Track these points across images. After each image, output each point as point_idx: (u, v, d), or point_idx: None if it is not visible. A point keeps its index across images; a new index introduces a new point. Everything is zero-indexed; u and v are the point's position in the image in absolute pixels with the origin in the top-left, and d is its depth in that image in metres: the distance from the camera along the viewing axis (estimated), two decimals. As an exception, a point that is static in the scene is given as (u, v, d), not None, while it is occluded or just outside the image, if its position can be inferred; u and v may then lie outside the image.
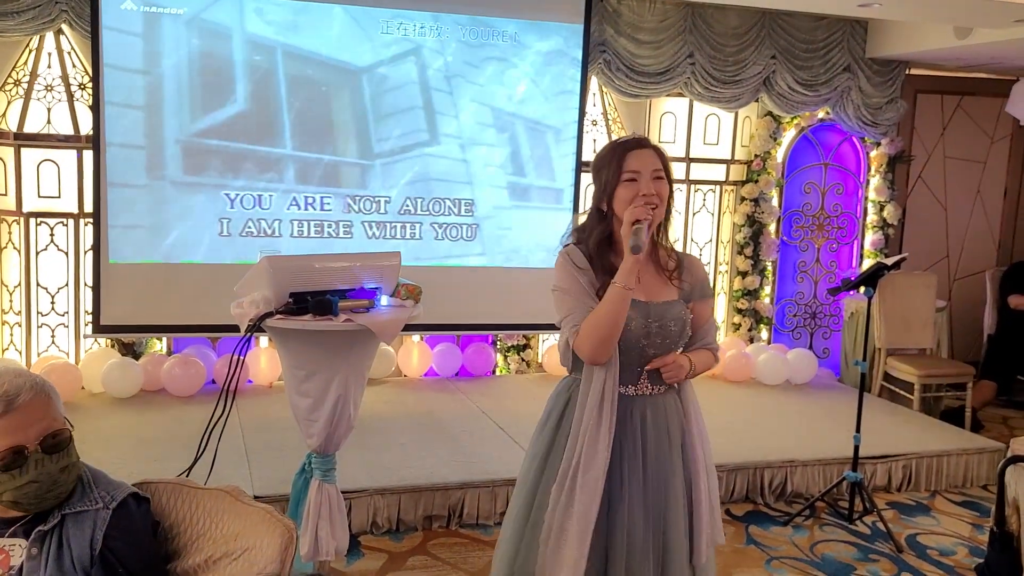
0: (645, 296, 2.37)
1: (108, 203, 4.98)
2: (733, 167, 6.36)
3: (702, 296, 2.47)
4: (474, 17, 5.39)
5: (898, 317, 6.01)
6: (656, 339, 2.36)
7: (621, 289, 2.24)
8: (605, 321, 2.26)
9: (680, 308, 2.40)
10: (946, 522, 4.50)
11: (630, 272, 2.24)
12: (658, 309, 2.37)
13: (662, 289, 2.41)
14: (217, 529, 1.80)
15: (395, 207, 5.40)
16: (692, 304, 2.44)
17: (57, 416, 1.84)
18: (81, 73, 5.20)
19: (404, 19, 5.30)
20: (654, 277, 2.41)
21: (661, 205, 2.32)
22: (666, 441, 2.41)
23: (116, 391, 5.11)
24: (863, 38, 6.21)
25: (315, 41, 5.19)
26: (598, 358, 2.30)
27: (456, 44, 5.40)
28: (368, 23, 5.25)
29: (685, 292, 2.43)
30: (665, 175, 2.35)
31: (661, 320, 2.36)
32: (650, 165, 2.32)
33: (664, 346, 2.38)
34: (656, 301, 2.38)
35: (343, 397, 3.06)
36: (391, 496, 4.04)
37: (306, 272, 3.00)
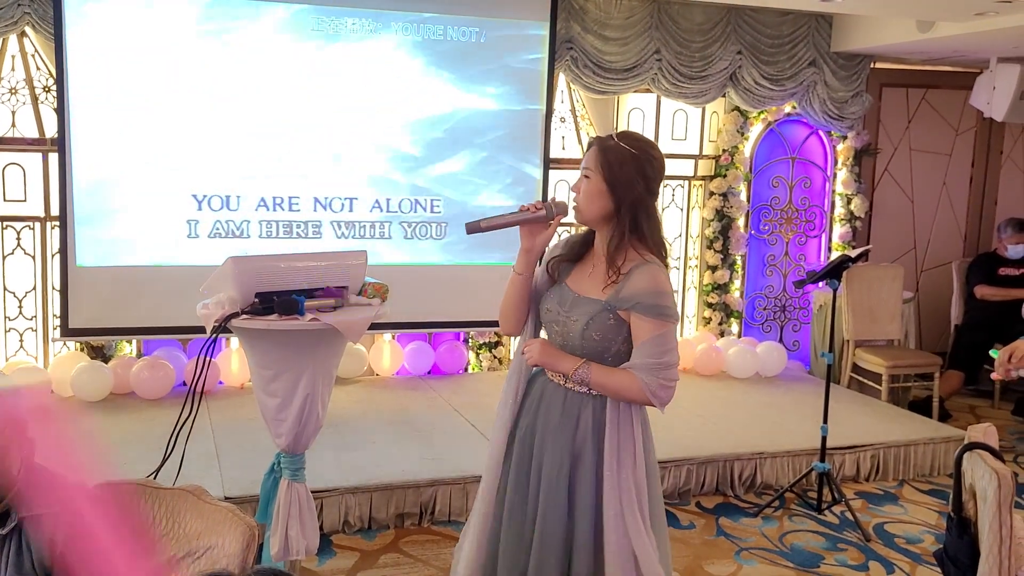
0: (575, 287, 2.39)
1: (75, 206, 4.94)
2: (701, 162, 6.40)
3: (634, 310, 2.27)
4: (439, 16, 5.39)
5: (866, 309, 6.09)
6: (561, 328, 2.38)
7: (513, 273, 2.43)
8: (504, 301, 2.48)
9: (593, 309, 2.30)
10: (913, 510, 4.56)
11: (519, 258, 2.41)
12: (574, 300, 2.36)
13: (592, 286, 2.35)
14: (179, 529, 1.80)
15: (364, 207, 5.40)
16: (628, 315, 2.29)
17: None
18: (45, 75, 5.16)
19: (369, 17, 5.29)
20: (600, 276, 2.34)
21: (583, 202, 2.33)
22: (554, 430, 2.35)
23: (85, 395, 5.07)
24: (828, 33, 6.27)
25: (281, 38, 5.17)
26: (501, 329, 2.54)
27: (422, 43, 5.40)
28: (332, 21, 5.24)
29: (615, 299, 2.28)
30: (600, 175, 2.29)
31: (571, 311, 2.35)
32: (584, 162, 2.37)
33: (565, 337, 2.35)
34: (578, 293, 2.37)
35: (311, 396, 3.06)
36: (363, 495, 4.04)
37: (272, 272, 3.00)
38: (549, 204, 2.39)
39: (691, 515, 4.39)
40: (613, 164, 2.29)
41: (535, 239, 2.38)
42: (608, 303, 2.29)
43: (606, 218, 2.32)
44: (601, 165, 2.30)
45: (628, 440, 2.29)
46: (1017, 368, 2.65)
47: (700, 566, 3.86)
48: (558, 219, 2.39)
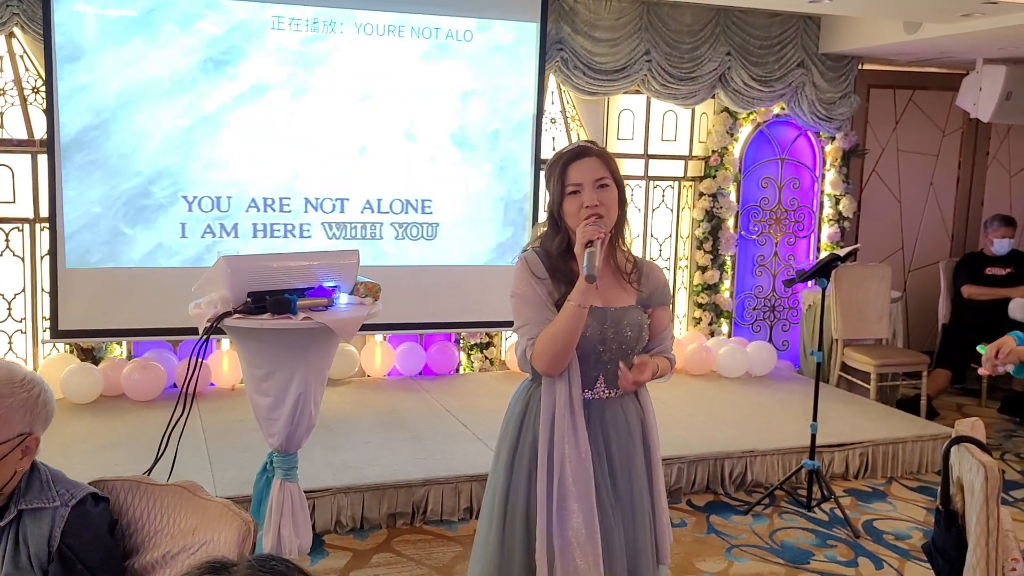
0: (602, 302, 2.35)
1: (64, 207, 4.94)
2: (691, 163, 6.43)
3: (661, 302, 2.44)
4: (430, 16, 5.41)
5: (854, 308, 6.12)
6: (612, 344, 2.35)
7: (576, 308, 2.24)
8: (560, 338, 2.27)
9: (637, 314, 2.39)
10: (902, 507, 4.60)
11: (585, 291, 2.24)
12: (615, 315, 2.35)
13: (620, 294, 2.39)
14: (175, 524, 1.81)
15: (355, 207, 5.41)
16: (651, 310, 2.43)
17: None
18: (34, 76, 5.15)
19: (359, 19, 5.30)
20: (612, 282, 2.39)
21: (609, 213, 2.31)
22: (629, 443, 2.43)
23: (75, 397, 5.06)
24: (816, 34, 6.32)
25: (267, 41, 5.18)
26: (552, 372, 2.32)
27: (412, 43, 5.41)
28: (320, 22, 5.25)
29: (643, 297, 2.41)
30: (613, 180, 2.33)
31: (617, 326, 2.35)
32: (592, 174, 2.31)
33: (620, 351, 2.36)
34: (613, 307, 2.36)
35: (303, 396, 3.06)
36: (355, 495, 4.04)
37: (264, 271, 3.00)
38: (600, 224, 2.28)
39: (682, 513, 4.41)
40: (617, 170, 2.39)
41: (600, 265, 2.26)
42: (640, 302, 2.41)
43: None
44: (612, 172, 2.35)
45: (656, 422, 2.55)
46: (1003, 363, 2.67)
47: (691, 563, 3.88)
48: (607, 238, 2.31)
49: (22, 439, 1.80)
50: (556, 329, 2.27)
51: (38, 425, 1.83)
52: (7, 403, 1.79)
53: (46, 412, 1.85)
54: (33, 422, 1.82)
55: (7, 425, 1.79)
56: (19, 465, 1.81)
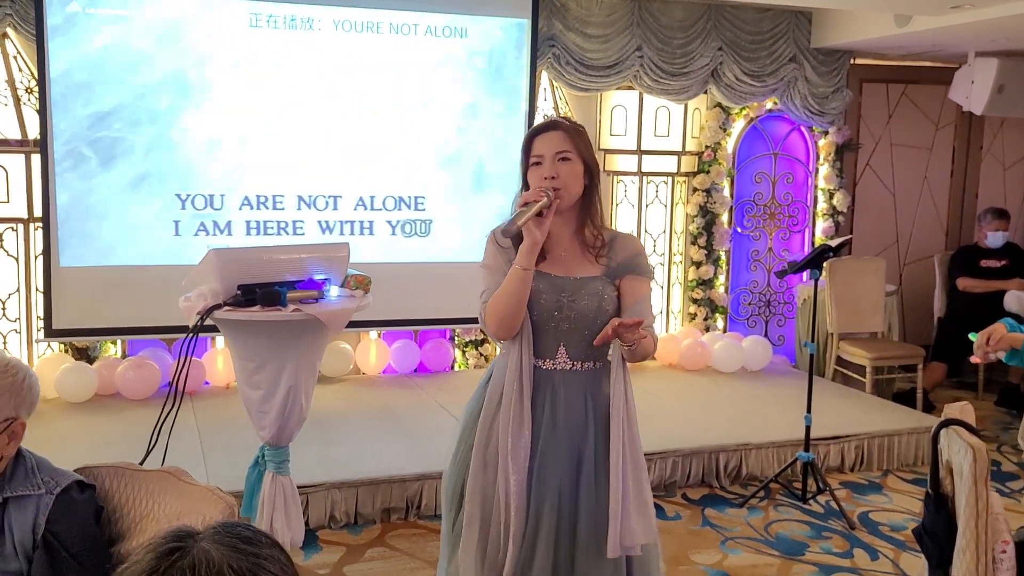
0: (563, 271, 2.39)
1: (57, 207, 4.94)
2: (684, 158, 6.43)
3: (632, 271, 2.40)
4: (421, 12, 5.41)
5: (849, 302, 6.13)
6: (569, 313, 2.36)
7: (519, 270, 2.29)
8: (505, 300, 2.32)
9: (599, 284, 2.38)
10: (897, 499, 4.59)
11: (527, 253, 2.28)
12: (573, 284, 2.37)
13: (583, 265, 2.40)
14: (160, 510, 1.81)
15: (348, 205, 5.41)
16: (620, 281, 2.41)
17: None
18: (28, 77, 5.15)
19: (349, 16, 5.30)
20: (577, 254, 2.42)
21: (567, 186, 2.33)
22: (582, 418, 2.38)
23: (70, 396, 5.06)
24: (807, 29, 6.32)
25: (260, 39, 5.18)
26: (500, 334, 2.38)
27: (403, 39, 5.41)
28: (314, 22, 5.25)
29: (611, 269, 2.40)
30: (577, 154, 2.35)
31: (575, 295, 2.36)
32: (553, 147, 2.35)
33: (578, 321, 2.36)
34: (573, 276, 2.38)
35: (294, 388, 3.06)
36: (348, 489, 4.04)
37: (254, 264, 3.00)
38: (546, 191, 2.31)
39: (677, 506, 4.41)
40: (586, 143, 2.41)
41: (540, 229, 2.29)
42: (607, 274, 2.40)
43: (579, 198, 2.39)
44: (577, 146, 2.37)
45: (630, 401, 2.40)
46: (995, 350, 2.67)
47: (686, 555, 3.88)
48: (555, 205, 2.31)
49: (8, 424, 1.80)
50: (501, 291, 2.33)
51: (23, 410, 1.83)
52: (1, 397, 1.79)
53: (31, 397, 1.85)
54: (19, 407, 1.82)
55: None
56: (5, 450, 1.81)
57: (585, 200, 2.40)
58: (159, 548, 1.01)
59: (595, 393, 2.40)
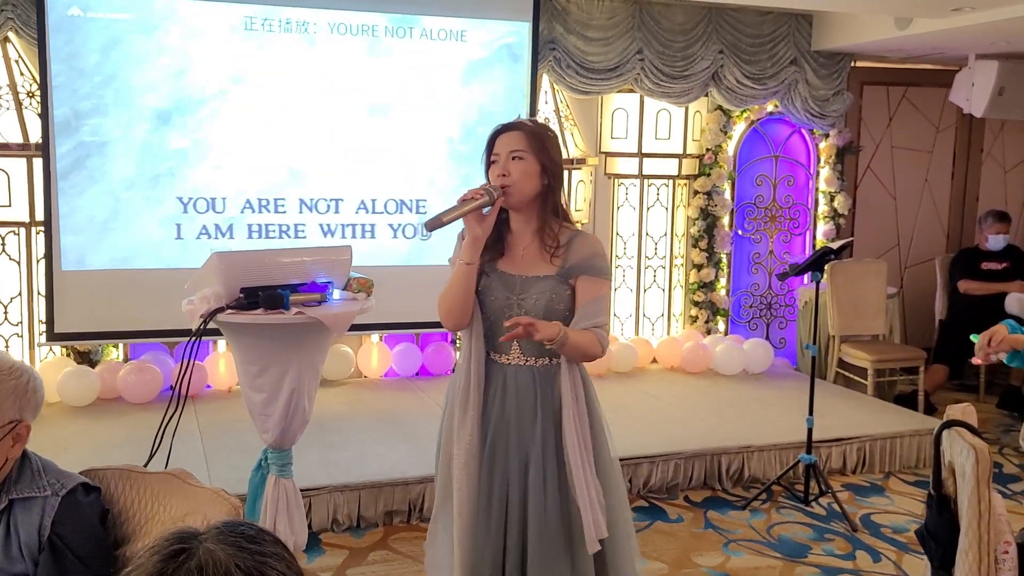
0: (516, 269, 2.46)
1: (59, 211, 4.94)
2: (685, 161, 6.44)
3: (583, 272, 2.42)
4: (422, 16, 5.42)
5: (850, 304, 6.13)
6: (518, 311, 2.42)
7: (462, 265, 2.41)
8: (450, 293, 2.45)
9: (550, 284, 2.42)
10: (900, 501, 4.59)
11: (468, 248, 2.40)
12: (524, 282, 2.44)
13: (537, 264, 2.45)
14: (165, 512, 1.81)
15: (349, 208, 5.42)
16: (575, 281, 2.44)
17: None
18: (29, 81, 5.16)
19: (351, 19, 5.32)
20: (536, 253, 2.46)
21: (517, 184, 2.38)
22: (531, 412, 2.43)
23: (72, 400, 5.06)
24: (808, 31, 6.33)
25: (261, 43, 5.19)
26: (449, 325, 2.51)
27: (404, 43, 5.43)
28: (313, 25, 5.26)
29: (564, 269, 2.43)
30: (532, 153, 2.40)
31: (524, 293, 2.43)
32: (508, 146, 2.42)
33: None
34: (525, 275, 2.45)
35: (297, 391, 3.06)
36: (351, 493, 4.04)
37: (257, 267, 3.00)
38: (489, 188, 2.40)
39: (679, 509, 4.41)
40: (544, 143, 2.44)
41: (482, 226, 2.39)
42: (560, 274, 2.43)
43: (535, 196, 2.44)
44: (533, 146, 2.42)
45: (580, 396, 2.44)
46: (996, 351, 2.68)
47: (689, 558, 3.88)
48: (499, 202, 2.39)
49: (13, 426, 1.81)
50: (448, 285, 2.46)
51: (28, 412, 1.84)
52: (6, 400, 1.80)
53: (36, 399, 1.85)
54: (23, 409, 1.82)
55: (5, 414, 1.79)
56: (11, 452, 1.82)
57: (544, 200, 2.44)
58: (163, 551, 1.01)
59: (546, 389, 2.45)
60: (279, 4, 5.17)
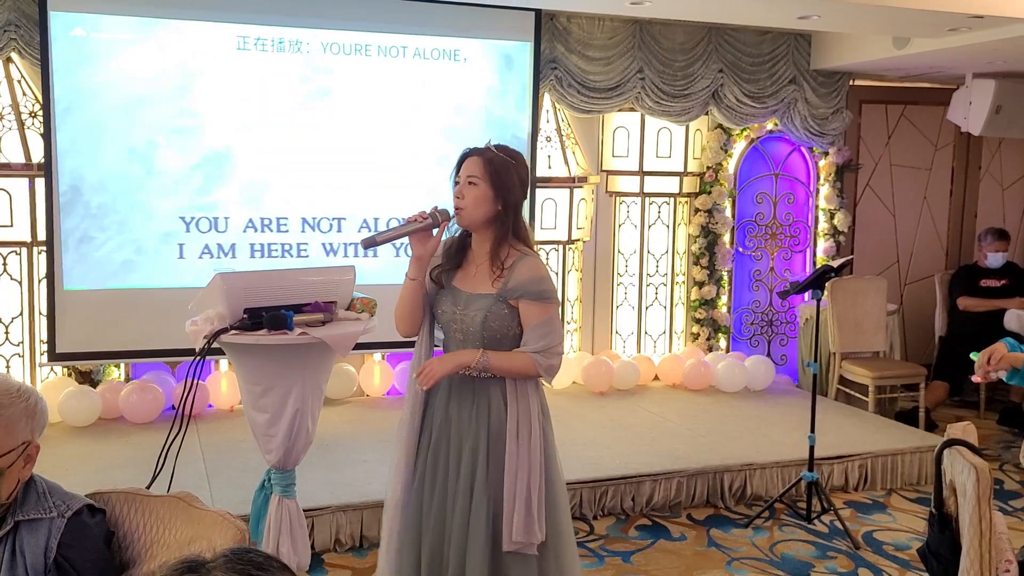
0: (465, 286, 2.64)
1: (61, 231, 4.96)
2: (686, 179, 6.47)
3: (523, 296, 2.57)
4: (424, 36, 5.46)
5: (851, 321, 6.14)
6: (460, 325, 2.62)
7: (407, 279, 2.64)
8: (399, 304, 2.69)
9: (488, 302, 2.58)
10: (902, 518, 4.59)
11: (412, 265, 2.63)
12: (467, 298, 2.62)
13: (482, 283, 2.62)
14: (170, 535, 1.82)
15: (352, 227, 5.44)
16: (517, 303, 2.58)
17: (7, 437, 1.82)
18: (32, 101, 5.19)
19: (354, 40, 5.35)
20: (485, 273, 2.62)
21: (468, 208, 2.56)
22: (472, 423, 2.59)
23: (73, 420, 5.06)
24: (807, 51, 6.38)
25: (265, 63, 5.23)
26: (400, 332, 2.72)
27: (407, 63, 5.46)
28: (316, 41, 5.30)
29: (503, 291, 2.57)
30: (486, 180, 2.55)
31: (466, 309, 2.61)
32: (466, 171, 2.59)
33: (466, 333, 2.61)
34: (471, 292, 2.62)
35: (301, 411, 3.07)
36: (353, 512, 4.04)
37: (260, 288, 3.02)
38: (434, 213, 2.61)
39: (682, 527, 4.40)
40: (499, 171, 2.58)
41: (425, 246, 2.60)
42: (499, 295, 2.58)
43: (489, 221, 2.59)
44: (488, 173, 2.57)
45: (526, 414, 2.58)
46: (995, 369, 2.69)
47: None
48: (444, 226, 2.61)
49: (25, 447, 1.83)
50: (399, 296, 2.68)
51: (36, 433, 1.86)
52: (9, 413, 1.82)
53: (43, 420, 1.89)
54: (33, 430, 1.85)
55: (11, 435, 1.82)
56: (22, 473, 1.84)
57: (497, 223, 2.59)
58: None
59: (485, 400, 2.60)
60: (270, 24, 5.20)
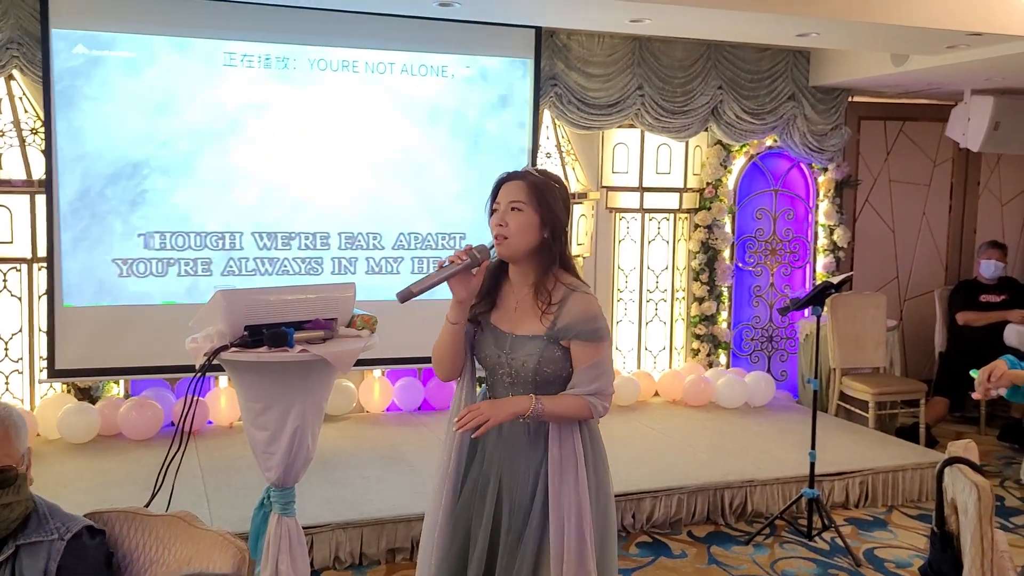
0: (508, 327, 2.40)
1: (62, 247, 4.97)
2: (686, 195, 6.48)
3: (575, 337, 2.34)
4: (425, 53, 5.48)
5: (851, 337, 6.14)
6: (508, 368, 2.38)
7: (447, 323, 2.38)
8: (438, 348, 2.44)
9: (539, 345, 2.34)
10: (903, 535, 4.58)
11: (453, 308, 2.36)
12: (514, 341, 2.38)
13: (528, 322, 2.38)
14: (170, 555, 1.81)
15: (354, 243, 5.44)
16: (568, 344, 2.35)
17: (11, 452, 1.85)
18: (33, 118, 5.20)
19: (355, 57, 5.37)
20: (528, 309, 2.38)
21: (514, 236, 2.32)
22: (517, 473, 2.38)
23: (72, 437, 5.05)
24: (806, 68, 6.40)
25: (266, 80, 5.24)
26: (440, 376, 2.50)
27: (408, 80, 5.48)
28: (318, 62, 5.32)
29: (554, 330, 2.34)
30: (532, 205, 2.32)
31: (513, 352, 2.37)
32: (508, 196, 2.34)
33: (516, 377, 2.38)
34: (515, 333, 2.38)
35: (301, 429, 3.06)
36: (353, 530, 4.03)
37: (261, 305, 3.01)
38: (472, 252, 2.33)
39: (683, 544, 4.39)
40: (545, 195, 2.34)
41: (467, 288, 2.34)
42: (549, 335, 2.34)
43: (533, 250, 2.35)
44: (534, 197, 2.32)
45: (570, 457, 2.35)
46: (996, 387, 2.68)
47: (692, 595, 3.86)
48: (484, 264, 2.34)
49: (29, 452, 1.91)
50: (438, 338, 2.43)
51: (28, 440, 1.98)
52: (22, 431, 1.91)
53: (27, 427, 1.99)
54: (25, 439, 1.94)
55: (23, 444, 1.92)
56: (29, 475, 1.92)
57: (542, 253, 2.36)
58: None
59: (537, 444, 2.37)
60: (274, 42, 5.22)
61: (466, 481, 2.44)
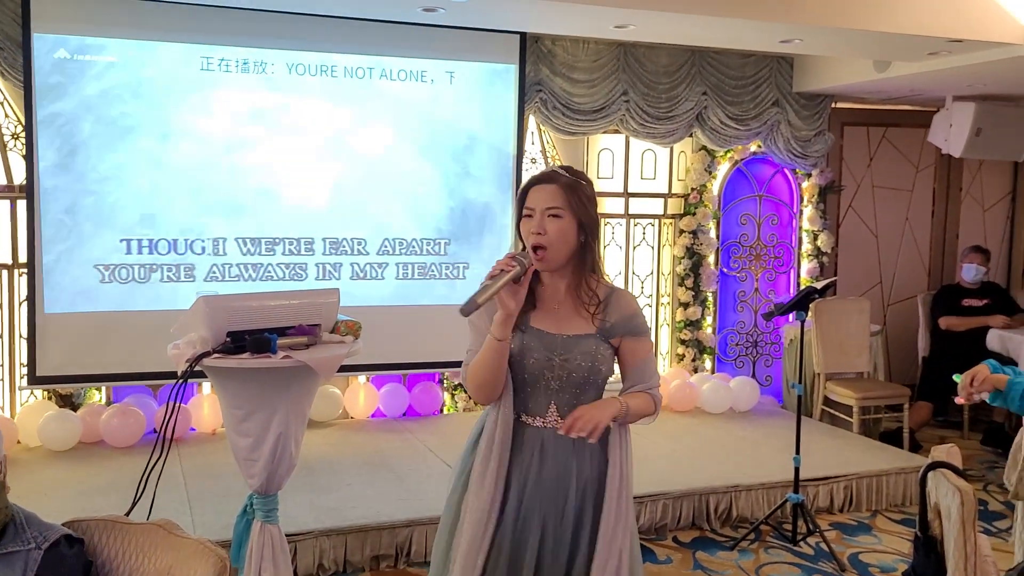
0: (554, 327, 2.29)
1: (43, 253, 4.92)
2: (671, 201, 6.49)
3: (631, 333, 2.30)
4: (409, 59, 5.47)
5: (835, 342, 6.16)
6: (561, 372, 2.27)
7: (494, 340, 2.21)
8: (481, 369, 2.25)
9: (593, 343, 2.28)
10: (887, 540, 4.59)
11: (501, 324, 2.20)
12: (565, 342, 2.28)
13: (575, 322, 2.30)
14: (149, 564, 1.79)
15: (338, 249, 5.42)
16: (619, 341, 2.31)
17: None
18: (14, 123, 5.16)
19: (340, 63, 5.36)
20: (571, 310, 2.31)
21: (554, 243, 2.24)
22: (569, 479, 2.27)
23: (53, 444, 5.00)
24: (789, 74, 6.43)
25: (250, 85, 5.22)
26: (479, 399, 2.32)
27: (391, 86, 5.47)
28: (302, 68, 5.30)
29: (606, 328, 2.29)
30: (569, 211, 2.25)
31: (567, 353, 2.27)
32: (544, 202, 2.25)
33: (571, 380, 2.28)
34: (565, 334, 2.28)
35: (284, 435, 3.04)
36: (337, 537, 4.00)
37: (243, 311, 2.99)
38: (519, 258, 2.21)
39: (668, 549, 4.38)
40: (581, 199, 2.27)
41: (515, 299, 2.20)
42: (600, 333, 2.29)
43: (573, 254, 2.29)
44: (570, 202, 2.25)
45: (628, 469, 2.30)
46: (978, 391, 2.69)
47: (677, 600, 3.85)
48: (530, 271, 2.22)
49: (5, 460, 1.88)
50: (479, 359, 2.26)
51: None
52: None
53: None
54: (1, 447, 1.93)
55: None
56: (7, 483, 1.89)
57: (581, 256, 2.29)
58: None
59: (583, 453, 2.28)
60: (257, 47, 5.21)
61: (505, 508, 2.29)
